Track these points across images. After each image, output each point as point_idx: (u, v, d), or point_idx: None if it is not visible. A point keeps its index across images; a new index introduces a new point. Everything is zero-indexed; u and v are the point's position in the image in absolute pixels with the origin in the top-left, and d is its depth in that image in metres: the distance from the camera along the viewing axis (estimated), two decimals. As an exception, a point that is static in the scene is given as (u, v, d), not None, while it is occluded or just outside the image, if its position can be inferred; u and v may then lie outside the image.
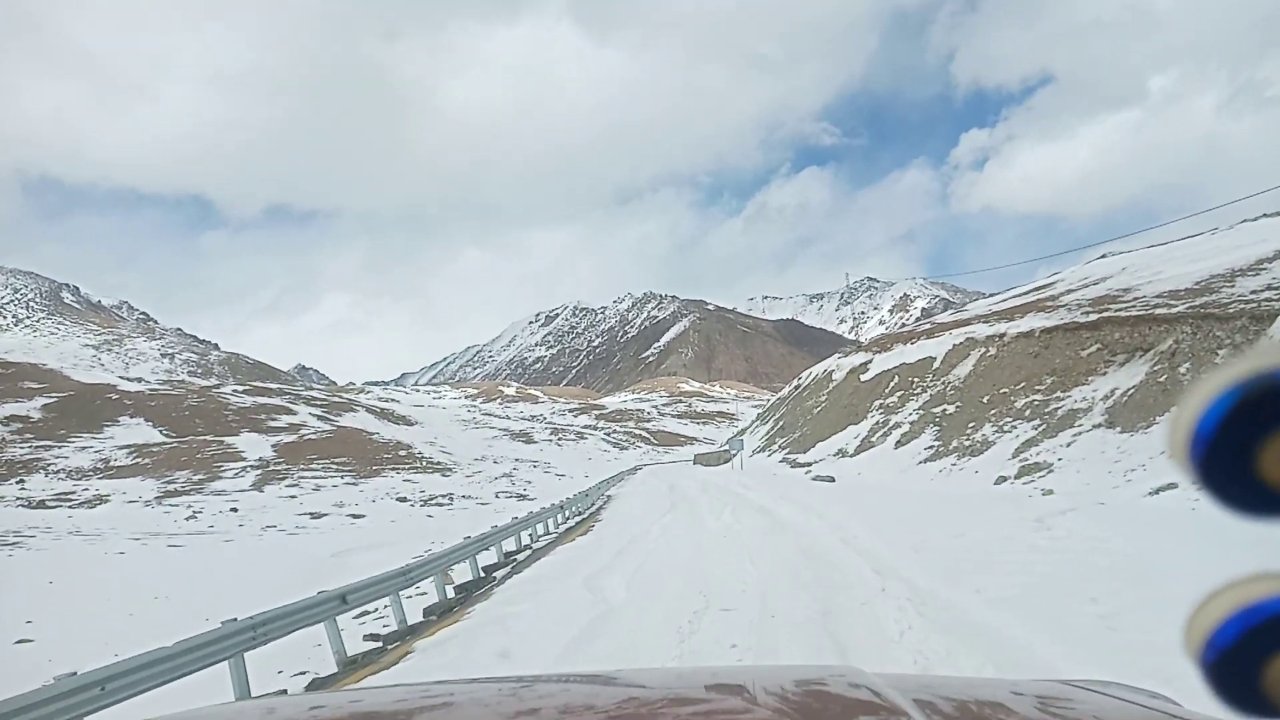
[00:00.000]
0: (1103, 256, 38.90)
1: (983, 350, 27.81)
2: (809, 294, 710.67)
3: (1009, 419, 21.91)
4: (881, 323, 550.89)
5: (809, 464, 33.03)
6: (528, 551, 17.38)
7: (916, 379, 31.10)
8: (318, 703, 1.51)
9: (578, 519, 24.94)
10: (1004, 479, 18.70)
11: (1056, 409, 19.87)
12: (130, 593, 18.02)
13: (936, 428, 25.68)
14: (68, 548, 30.64)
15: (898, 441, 27.36)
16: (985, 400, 24.11)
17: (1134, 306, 21.98)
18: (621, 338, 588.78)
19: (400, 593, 11.21)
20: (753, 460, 44.05)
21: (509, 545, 17.62)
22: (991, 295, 49.61)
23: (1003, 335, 27.10)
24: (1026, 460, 18.98)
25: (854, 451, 30.59)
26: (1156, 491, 12.05)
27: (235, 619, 7.57)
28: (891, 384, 33.19)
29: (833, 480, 26.47)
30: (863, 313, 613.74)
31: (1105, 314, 22.01)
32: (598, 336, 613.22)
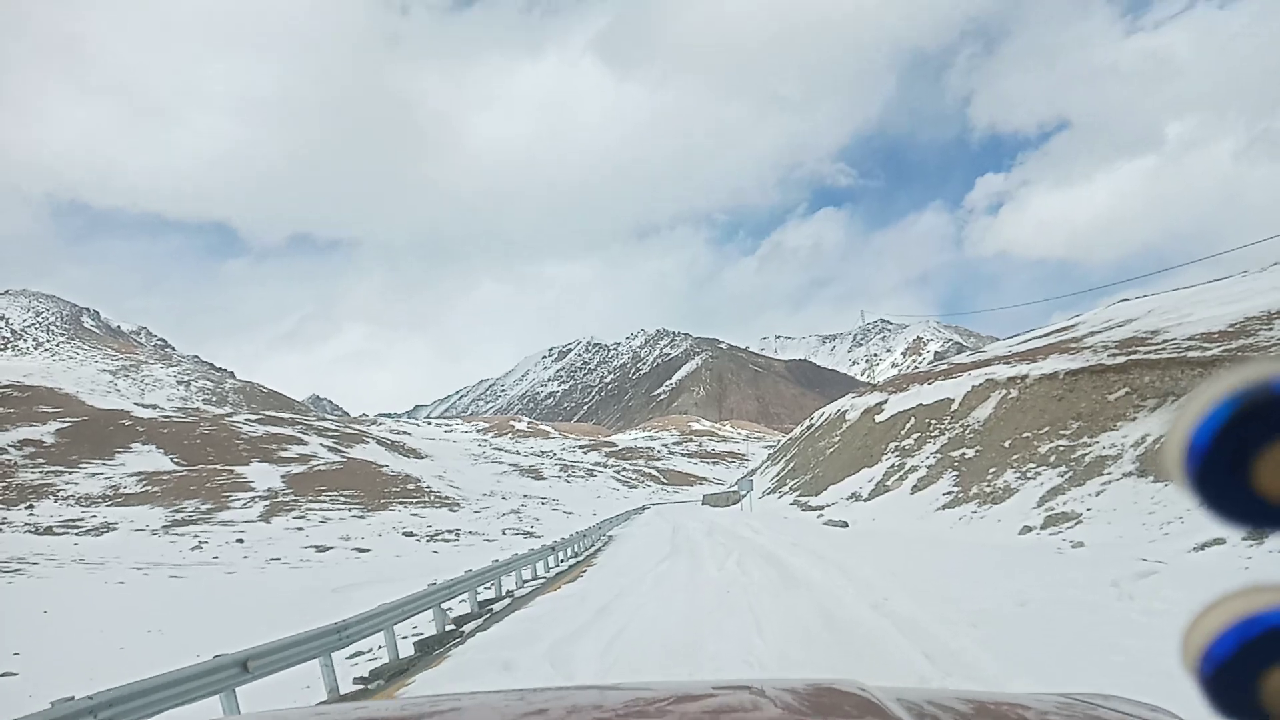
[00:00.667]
0: (1124, 300, 38.31)
1: (1003, 392, 27.06)
2: (822, 334, 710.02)
3: (1032, 465, 21.14)
4: (894, 365, 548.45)
5: (821, 507, 32.00)
6: (508, 600, 16.08)
7: (934, 421, 30.26)
8: (322, 713, 1.56)
9: (571, 561, 23.81)
10: (1029, 529, 17.85)
11: (1083, 455, 19.15)
12: (125, 625, 17.59)
13: (955, 473, 24.84)
14: (69, 576, 30.20)
15: (914, 486, 26.48)
16: (1007, 445, 23.36)
17: (1164, 349, 21.34)
18: (634, 374, 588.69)
19: (341, 652, 9.54)
20: (762, 502, 43.10)
21: (489, 592, 16.48)
22: (1005, 339, 48.89)
23: (1024, 377, 26.34)
24: (1053, 510, 18.18)
25: (868, 495, 29.66)
26: (1202, 547, 11.34)
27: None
28: (907, 426, 32.31)
29: (846, 525, 25.48)
30: (875, 354, 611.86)
31: (1134, 356, 21.30)
32: (610, 373, 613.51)
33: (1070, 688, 1.62)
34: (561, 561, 23.25)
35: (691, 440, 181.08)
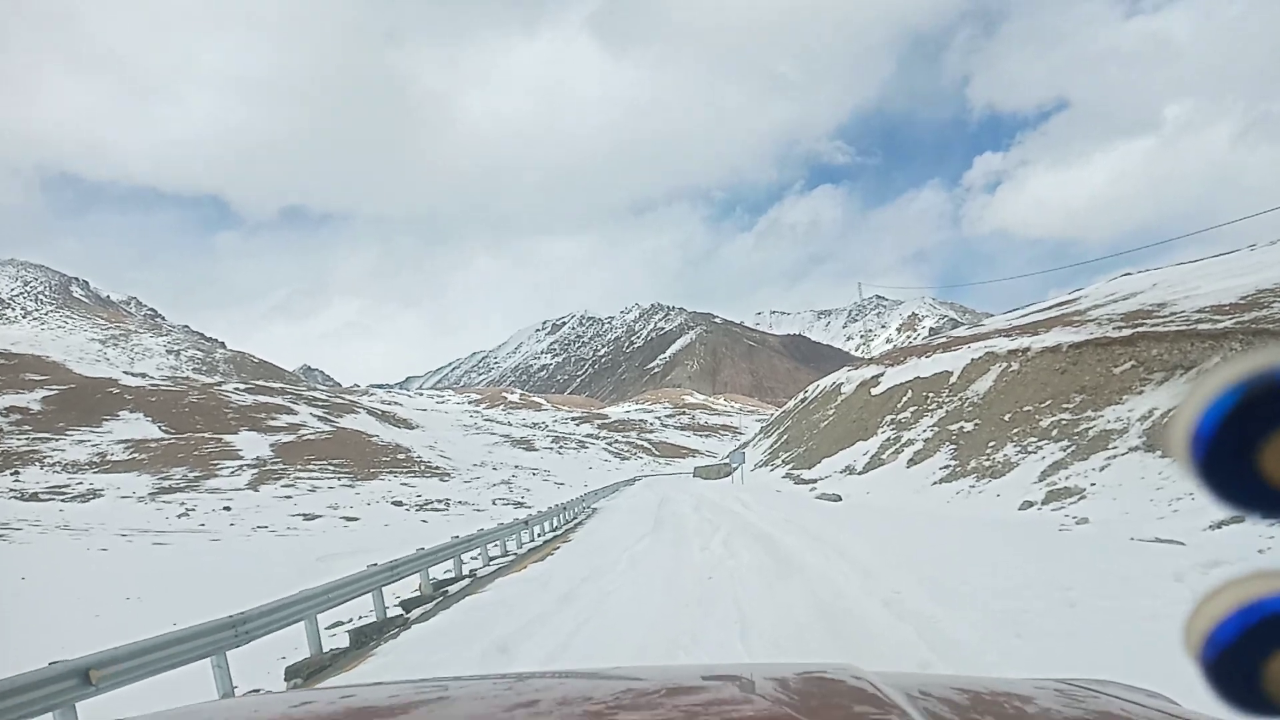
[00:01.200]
0: (1125, 274, 37.75)
1: (1004, 365, 26.47)
2: (817, 310, 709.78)
3: (1033, 439, 20.60)
4: (889, 340, 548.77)
5: (814, 481, 31.55)
6: (467, 580, 14.58)
7: (931, 394, 29.72)
8: (307, 699, 1.54)
9: (547, 536, 22.33)
10: (1030, 504, 17.35)
11: (1087, 430, 18.63)
12: (103, 592, 17.17)
13: (953, 446, 24.35)
14: (52, 543, 29.71)
15: (910, 460, 26.02)
16: (1007, 418, 22.83)
17: (1173, 322, 20.80)
18: (627, 348, 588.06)
19: (268, 642, 8.47)
20: (754, 475, 42.49)
21: (446, 569, 14.87)
22: (1004, 314, 48.02)
23: (1026, 350, 25.80)
24: (1055, 484, 17.60)
25: (863, 469, 29.18)
26: (1219, 525, 10.86)
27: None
28: (904, 399, 31.75)
29: (839, 499, 24.88)
30: (870, 330, 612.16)
31: (1141, 329, 20.78)
32: (604, 346, 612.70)
33: None
34: (537, 536, 21.70)
35: (684, 413, 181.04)
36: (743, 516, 19.53)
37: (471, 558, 16.86)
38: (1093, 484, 16.28)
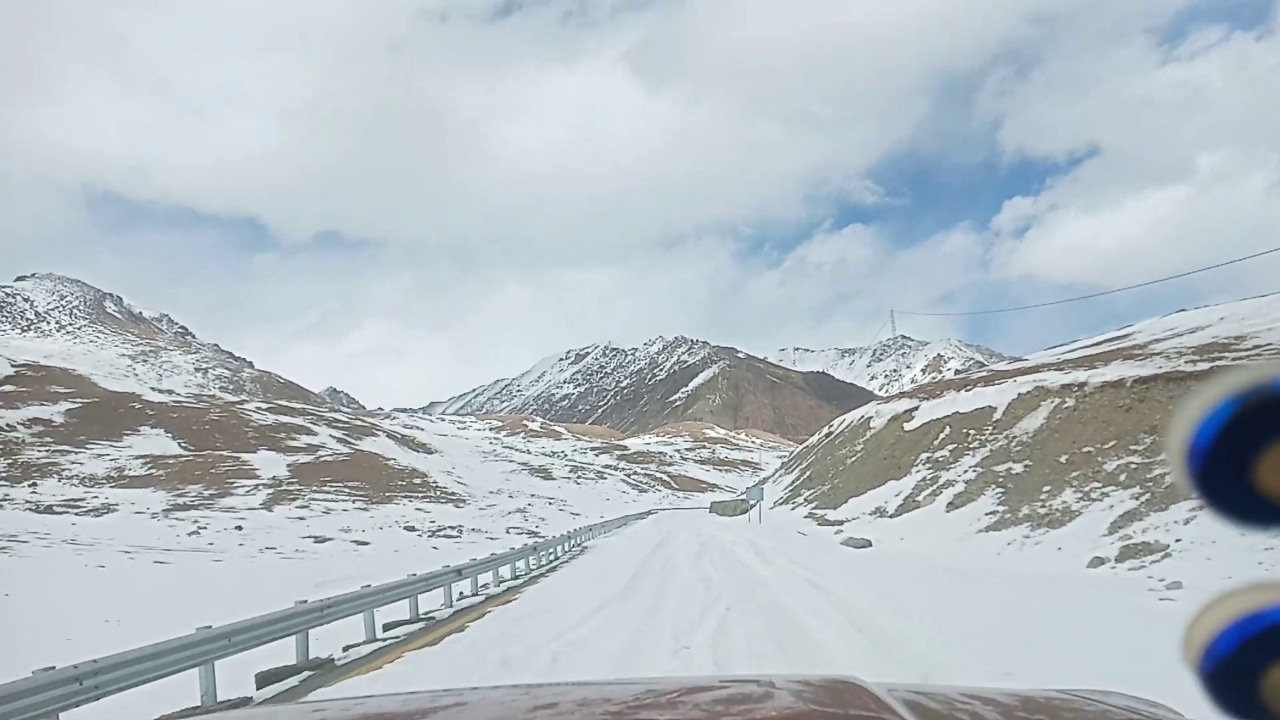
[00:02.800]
0: (1181, 310, 36.21)
1: (1057, 401, 24.59)
2: (841, 348, 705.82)
3: (1097, 484, 18.76)
4: (913, 381, 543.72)
5: (840, 522, 29.36)
6: (375, 645, 11.48)
7: (973, 431, 27.71)
8: (321, 709, 1.51)
9: (507, 584, 18.37)
10: (1101, 560, 15.32)
11: (1162, 475, 16.91)
12: (84, 613, 16.51)
13: (1000, 490, 22.32)
14: (53, 557, 29.24)
15: (950, 503, 23.90)
16: (1063, 460, 21.01)
17: (1260, 354, 19.34)
18: (650, 380, 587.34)
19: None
20: (774, 513, 40.38)
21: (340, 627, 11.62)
22: (1046, 350, 45.68)
23: (1082, 385, 23.94)
24: (1130, 538, 15.75)
25: (895, 511, 26.95)
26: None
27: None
28: (941, 435, 29.65)
29: (869, 545, 22.74)
30: (894, 370, 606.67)
31: (1220, 362, 19.33)
32: (626, 377, 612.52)
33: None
34: (489, 586, 17.80)
35: (705, 447, 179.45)
36: (755, 573, 15.03)
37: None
38: (1177, 539, 14.20)
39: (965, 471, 25.16)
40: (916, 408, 34.95)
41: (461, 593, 16.46)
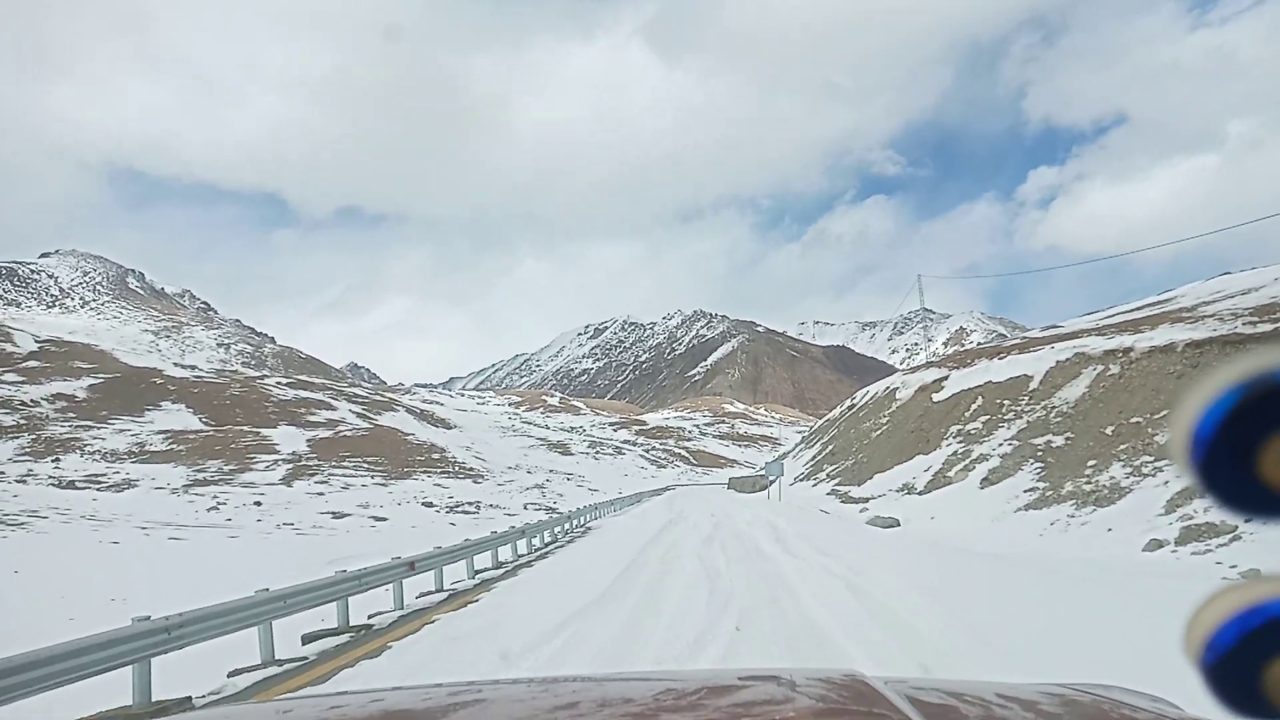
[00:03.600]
0: (1225, 274, 34.59)
1: (1099, 368, 22.95)
2: (861, 321, 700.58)
3: (1148, 458, 17.44)
4: (935, 354, 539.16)
5: (864, 500, 27.90)
6: (277, 669, 8.56)
7: (1008, 402, 25.96)
8: (339, 702, 1.51)
9: (479, 577, 15.09)
10: (1159, 544, 13.95)
11: None
12: (91, 591, 16.22)
13: (1039, 464, 20.83)
14: (70, 533, 29.21)
15: (985, 479, 22.36)
16: (1109, 432, 19.64)
17: None
18: (669, 354, 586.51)
19: None
20: (794, 489, 38.80)
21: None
22: (1082, 317, 43.07)
23: (1128, 351, 22.34)
24: (1191, 518, 14.44)
25: (924, 488, 25.39)
26: None
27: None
28: (973, 407, 27.85)
29: (896, 524, 21.18)
30: (915, 344, 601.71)
31: None
32: (645, 352, 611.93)
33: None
34: (461, 581, 14.70)
35: (724, 422, 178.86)
36: (774, 567, 12.01)
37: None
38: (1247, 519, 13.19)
39: (1000, 445, 23.61)
40: (946, 377, 33.02)
41: (423, 590, 13.45)
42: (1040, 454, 21.25)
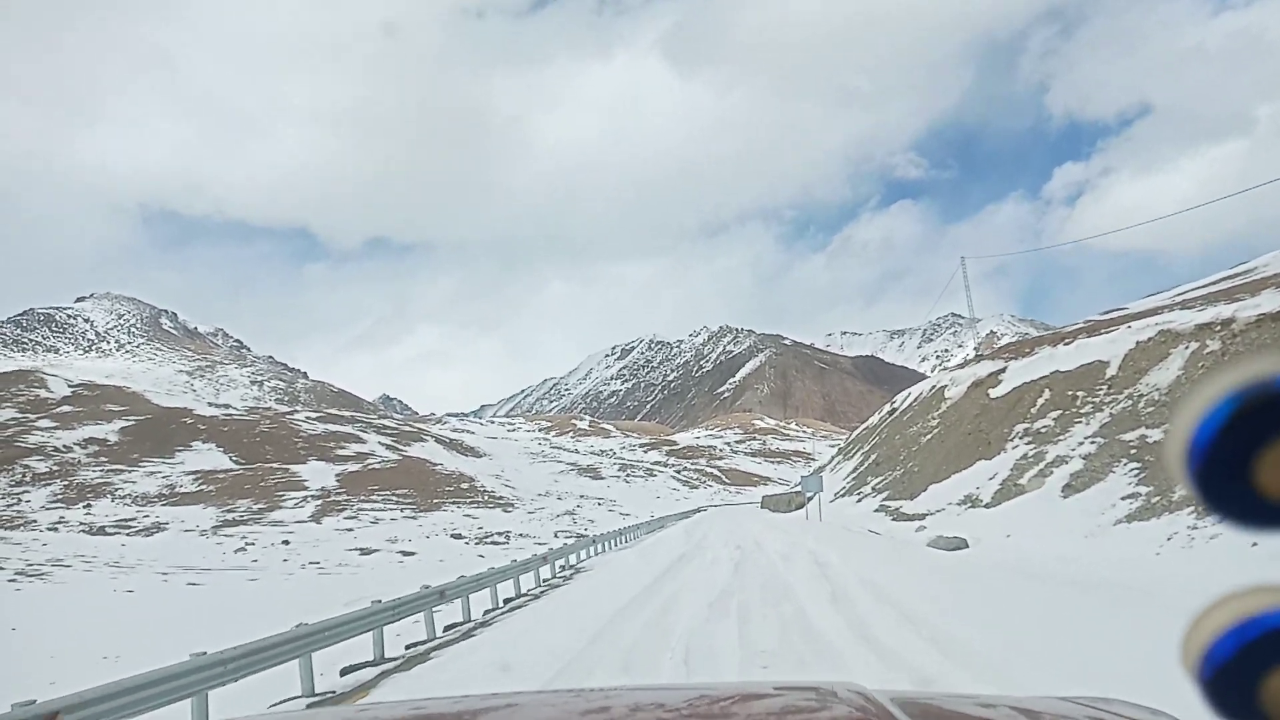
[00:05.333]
0: None
1: (1193, 346, 20.06)
2: (890, 330, 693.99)
3: None
4: (966, 359, 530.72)
5: (919, 517, 24.99)
6: None
7: (1082, 393, 22.91)
8: (370, 714, 1.52)
9: (381, 668, 10.28)
10: None
11: None
12: (90, 646, 15.39)
13: (1135, 465, 17.62)
14: (88, 582, 28.54)
15: (1067, 485, 19.27)
16: None
17: None
18: (696, 372, 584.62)
19: None
20: (834, 507, 36.07)
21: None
22: (1160, 292, 38.39)
23: (1228, 323, 19.44)
24: None
25: (991, 499, 22.19)
26: None
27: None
28: (1040, 401, 24.80)
29: (964, 546, 17.95)
30: (946, 350, 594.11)
31: None
32: (673, 371, 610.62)
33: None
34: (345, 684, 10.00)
35: (755, 438, 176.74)
36: (823, 644, 7.91)
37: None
38: None
39: (1080, 444, 20.48)
40: (1003, 370, 29.73)
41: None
42: (1134, 452, 17.95)
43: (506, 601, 16.22)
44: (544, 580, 19.89)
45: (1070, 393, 23.64)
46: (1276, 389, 0.47)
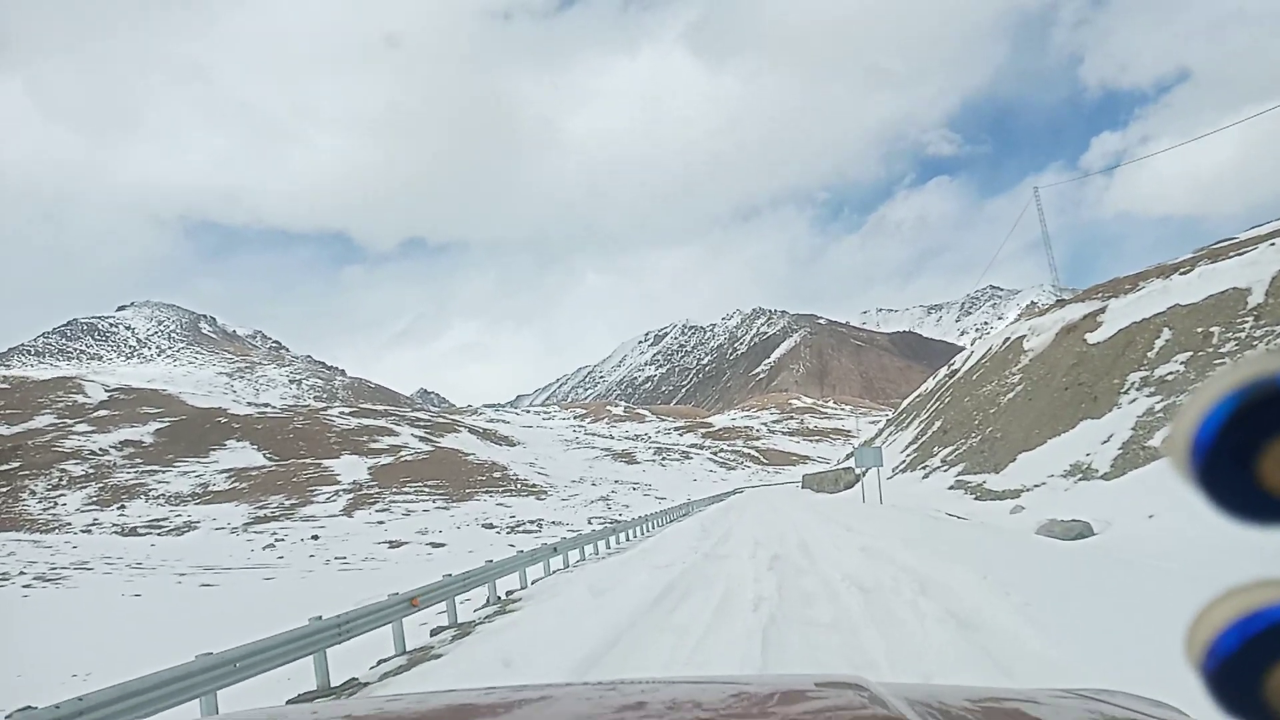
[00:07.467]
0: None
1: None
2: (927, 305, 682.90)
3: None
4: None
5: (1012, 494, 20.02)
6: None
7: (1217, 328, 18.87)
8: (400, 703, 1.50)
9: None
10: None
11: None
12: (72, 659, 14.23)
13: None
14: (100, 586, 27.54)
15: None
16: None
17: None
18: (731, 355, 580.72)
19: None
20: (894, 484, 30.45)
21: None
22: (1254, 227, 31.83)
23: None
24: None
25: (1110, 469, 17.50)
26: None
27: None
28: (1160, 343, 20.45)
29: (1089, 533, 13.44)
30: (985, 323, 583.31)
31: None
32: (707, 354, 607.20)
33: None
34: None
35: (792, 418, 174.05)
36: None
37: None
38: None
39: None
40: (1102, 309, 25.36)
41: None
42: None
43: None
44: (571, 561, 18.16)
45: (1199, 330, 19.52)
46: (1279, 385, 0.46)
